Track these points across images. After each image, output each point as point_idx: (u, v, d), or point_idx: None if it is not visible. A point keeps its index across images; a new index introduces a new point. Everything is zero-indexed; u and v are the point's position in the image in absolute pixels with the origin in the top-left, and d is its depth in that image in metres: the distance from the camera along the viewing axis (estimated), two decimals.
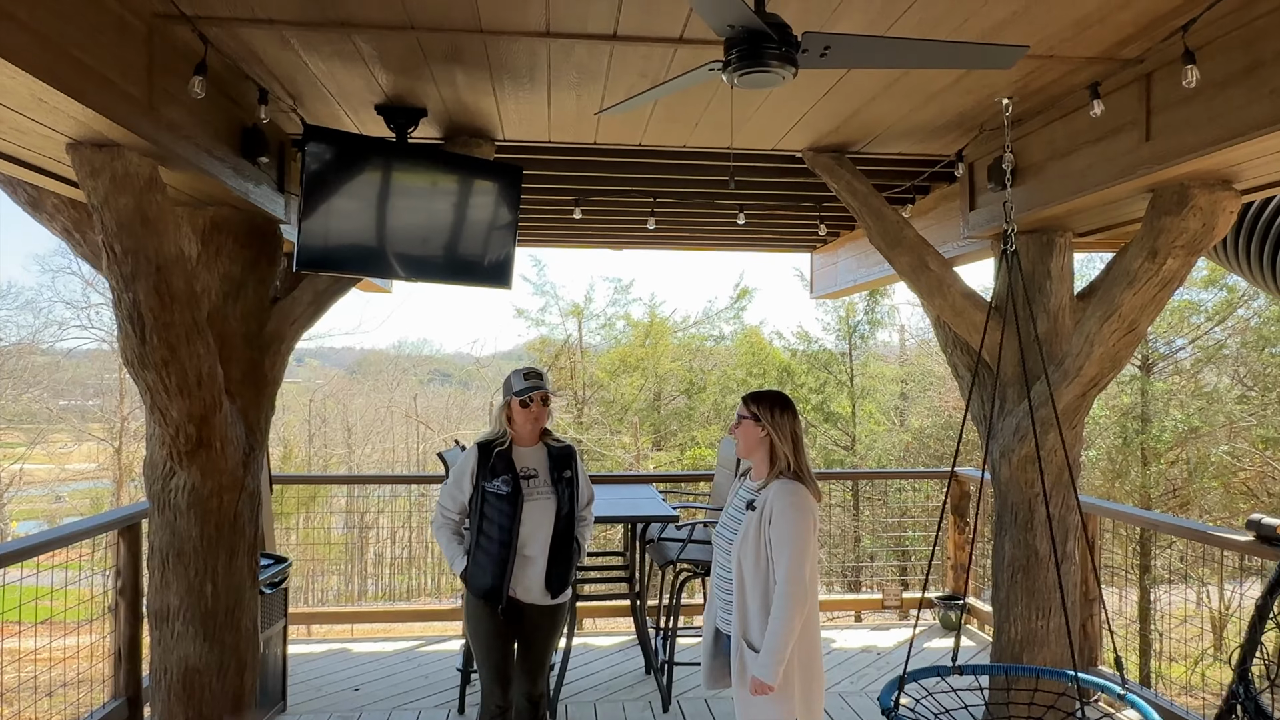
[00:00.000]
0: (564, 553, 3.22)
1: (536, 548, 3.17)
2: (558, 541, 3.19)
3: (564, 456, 3.26)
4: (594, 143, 3.93)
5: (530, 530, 3.15)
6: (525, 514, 3.12)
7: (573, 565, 3.27)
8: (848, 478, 11.83)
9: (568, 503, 3.21)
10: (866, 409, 14.98)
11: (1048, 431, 3.72)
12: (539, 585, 3.18)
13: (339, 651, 5.34)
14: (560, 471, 3.22)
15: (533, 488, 3.17)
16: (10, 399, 22.13)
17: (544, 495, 3.18)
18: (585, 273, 45.99)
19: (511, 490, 3.12)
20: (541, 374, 3.26)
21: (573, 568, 3.28)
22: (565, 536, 3.21)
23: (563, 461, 3.24)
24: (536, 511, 3.16)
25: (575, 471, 3.26)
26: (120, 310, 2.93)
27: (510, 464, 3.16)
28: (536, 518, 3.16)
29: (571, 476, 3.24)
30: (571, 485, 3.23)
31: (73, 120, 2.31)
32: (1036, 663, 3.90)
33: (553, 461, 3.23)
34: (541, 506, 3.17)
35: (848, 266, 6.29)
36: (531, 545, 3.16)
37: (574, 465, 3.27)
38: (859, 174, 4.04)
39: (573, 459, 3.29)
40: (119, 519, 4.01)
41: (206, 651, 3.49)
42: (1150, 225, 3.17)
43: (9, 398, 22.08)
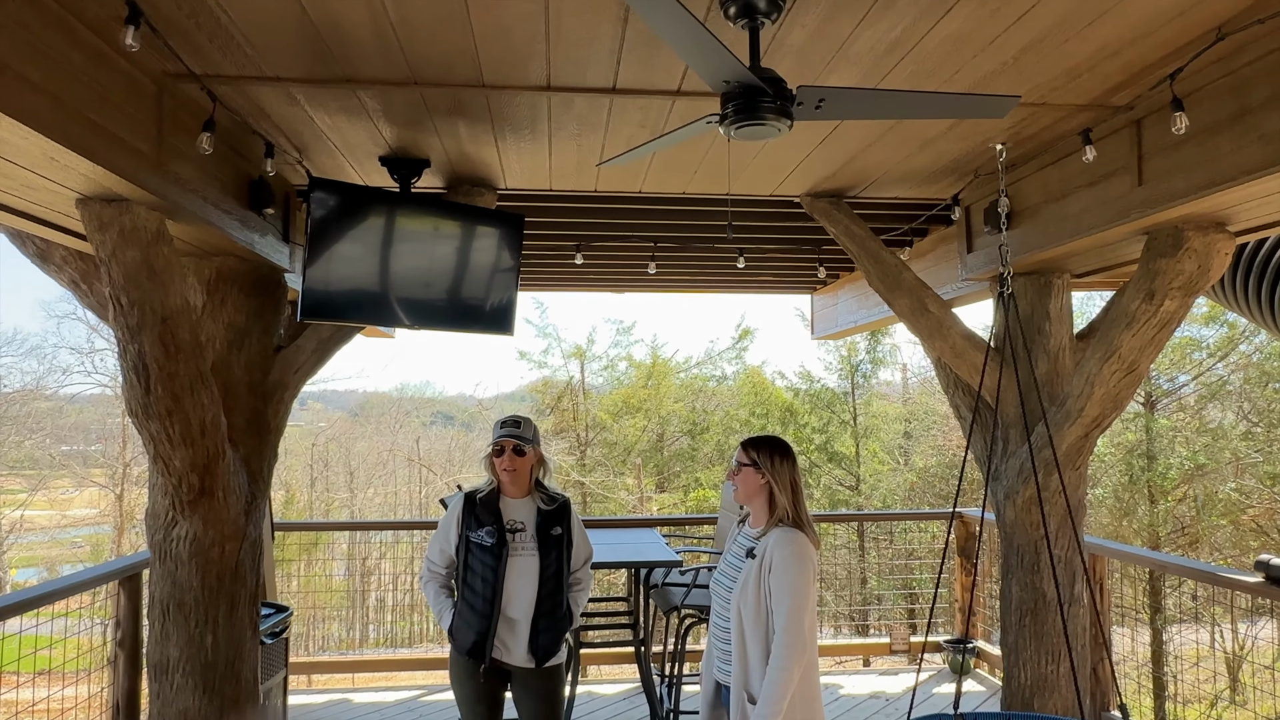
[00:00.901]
0: (550, 616, 3.01)
1: (519, 608, 2.98)
2: (543, 604, 3.00)
3: (554, 513, 3.06)
4: (595, 190, 3.99)
5: (513, 588, 2.97)
6: (509, 569, 2.97)
7: (560, 630, 3.05)
8: (849, 519, 11.75)
9: (555, 562, 3.02)
10: (870, 448, 14.93)
11: (1051, 473, 3.71)
12: (523, 649, 2.99)
13: (340, 702, 5.26)
14: (549, 528, 3.04)
15: (518, 542, 3.01)
16: (12, 445, 22.12)
17: (528, 552, 3.01)
18: (587, 315, 46.29)
19: (496, 542, 2.97)
20: (520, 422, 3.10)
21: (560, 633, 3.05)
22: (552, 599, 3.02)
23: (553, 518, 3.05)
24: (519, 568, 2.99)
25: (568, 529, 3.07)
26: (125, 361, 2.95)
27: (497, 515, 3.02)
28: (519, 575, 2.98)
29: (562, 535, 3.05)
30: (560, 544, 3.04)
31: (83, 177, 2.35)
32: (1047, 708, 3.85)
33: (541, 517, 3.04)
34: (524, 564, 2.99)
35: (848, 307, 6.32)
36: (514, 605, 2.98)
37: (567, 522, 3.08)
38: (856, 218, 4.08)
39: (565, 516, 3.09)
40: (119, 569, 3.99)
41: (206, 704, 3.45)
42: (1146, 267, 3.20)
43: (11, 444, 22.07)
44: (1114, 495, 12.56)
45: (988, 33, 2.39)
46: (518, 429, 3.06)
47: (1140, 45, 2.48)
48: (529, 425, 3.13)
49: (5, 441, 21.90)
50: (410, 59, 2.55)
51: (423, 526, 7.23)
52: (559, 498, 3.15)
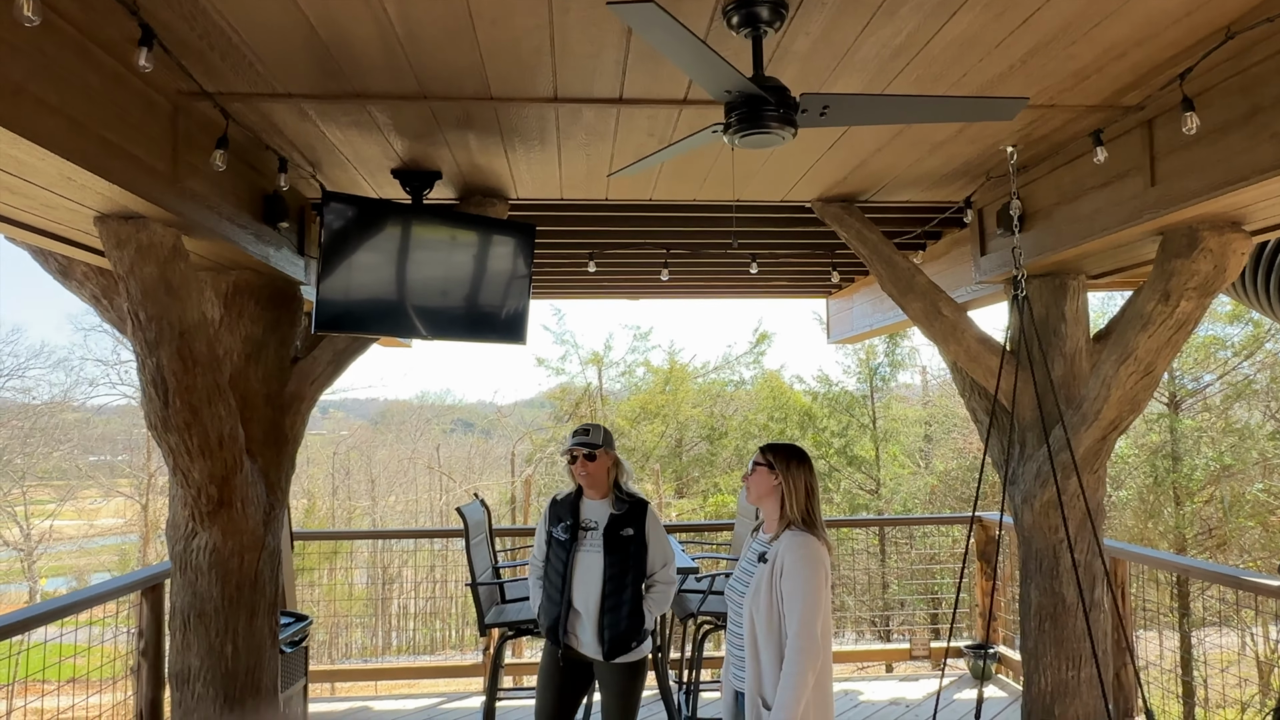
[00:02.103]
0: (615, 613, 3.12)
1: (583, 601, 3.16)
2: (607, 600, 3.12)
3: (627, 515, 3.18)
4: (605, 199, 4.01)
5: (580, 581, 3.16)
6: (575, 563, 3.16)
7: (626, 629, 3.13)
8: (864, 524, 11.66)
9: (620, 562, 3.13)
10: (890, 452, 14.83)
11: (1068, 476, 3.68)
12: (592, 640, 3.16)
13: (360, 710, 5.30)
14: (619, 529, 3.16)
15: (588, 540, 3.18)
16: (41, 456, 22.48)
17: (594, 549, 3.16)
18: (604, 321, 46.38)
19: (569, 538, 3.18)
20: (590, 430, 3.26)
21: (626, 631, 3.13)
22: (616, 596, 3.12)
23: (624, 520, 3.17)
24: (585, 563, 3.16)
25: (641, 532, 3.17)
26: (144, 375, 3.00)
27: (575, 513, 3.23)
28: (585, 570, 3.16)
29: (635, 535, 3.16)
30: (629, 545, 3.15)
31: (100, 195, 2.40)
32: (1068, 714, 3.80)
33: (613, 517, 3.18)
34: (590, 560, 3.16)
35: (862, 311, 6.30)
36: (579, 597, 3.16)
37: (642, 524, 3.18)
38: (868, 222, 4.07)
39: (639, 518, 3.19)
40: (142, 579, 4.04)
41: (227, 713, 3.49)
42: (1161, 268, 3.17)
43: (40, 455, 22.43)
44: (1139, 497, 12.39)
45: (994, 35, 2.38)
46: (587, 436, 3.22)
47: (1148, 46, 2.46)
48: (598, 431, 3.26)
49: (35, 453, 22.26)
50: (418, 73, 2.58)
51: (442, 535, 7.27)
52: (635, 501, 3.24)
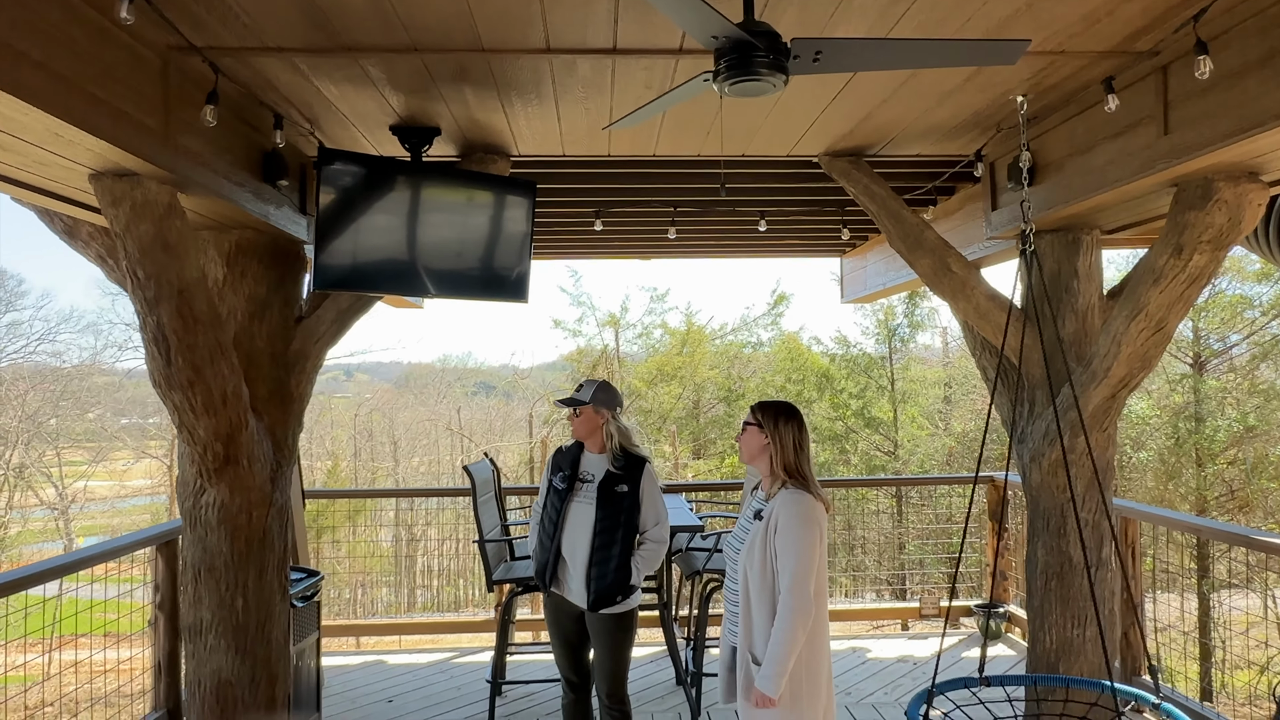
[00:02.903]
0: (602, 566, 3.19)
1: (572, 550, 3.26)
2: (596, 553, 3.20)
3: (622, 470, 3.24)
4: (608, 155, 3.95)
5: (570, 531, 3.26)
6: (568, 513, 3.25)
7: (611, 582, 3.19)
8: (871, 484, 11.65)
9: (612, 517, 3.19)
10: (909, 413, 14.74)
11: (1077, 434, 3.63)
12: (580, 590, 3.24)
13: (375, 664, 5.41)
14: (614, 484, 3.22)
15: (583, 491, 3.27)
16: (75, 418, 22.97)
17: (587, 501, 3.25)
18: (621, 283, 46.27)
19: (566, 488, 3.29)
20: (582, 386, 3.37)
21: (615, 585, 3.20)
22: (605, 550, 3.19)
23: (620, 476, 3.23)
24: (577, 514, 3.26)
25: (635, 490, 3.22)
26: (146, 333, 3.02)
27: (575, 465, 3.34)
28: (576, 520, 3.25)
29: (629, 492, 3.21)
30: (622, 501, 3.21)
31: (91, 153, 2.40)
32: (1073, 672, 3.80)
33: (609, 473, 3.26)
34: (581, 511, 3.25)
35: (876, 270, 6.21)
36: (568, 546, 3.27)
37: (637, 482, 3.23)
38: (877, 177, 3.99)
39: (635, 475, 3.24)
40: (156, 535, 4.12)
41: (239, 664, 3.57)
42: (1175, 221, 3.09)
43: (73, 417, 22.92)
44: (1159, 459, 12.26)
45: None
46: (577, 392, 3.34)
47: None
48: (589, 388, 3.33)
49: (68, 415, 22.74)
50: (408, 25, 2.53)
51: (451, 493, 7.35)
52: (633, 459, 3.28)
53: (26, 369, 21.83)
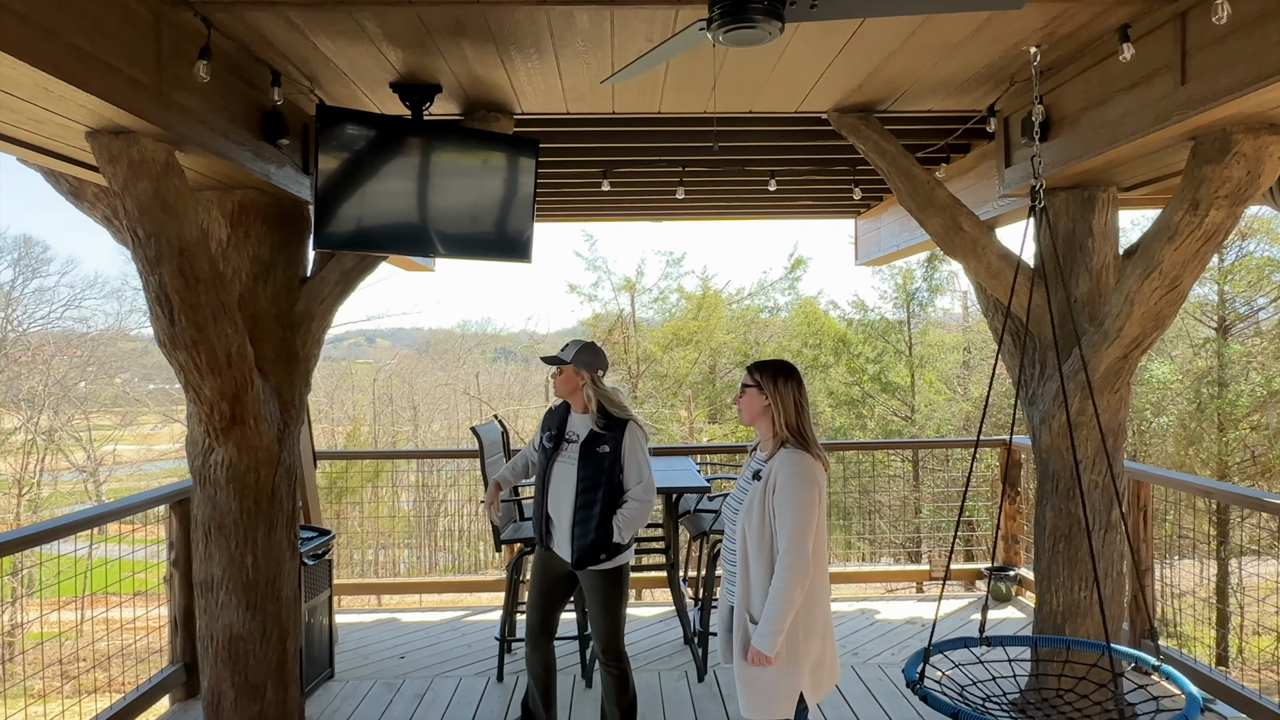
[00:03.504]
0: (584, 525, 3.24)
1: (556, 508, 3.34)
2: (578, 512, 3.26)
3: (604, 430, 3.27)
4: (612, 112, 3.89)
5: (555, 489, 3.34)
6: (554, 472, 3.33)
7: (595, 541, 3.24)
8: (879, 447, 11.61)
9: (594, 477, 3.24)
10: (926, 378, 14.63)
11: (1087, 396, 3.57)
12: (566, 546, 3.32)
13: (388, 621, 5.50)
14: (596, 445, 3.26)
15: (567, 451, 3.33)
16: (103, 383, 23.32)
17: (569, 460, 3.31)
18: (636, 247, 46.04)
19: (552, 447, 3.37)
20: (567, 345, 3.41)
21: (596, 544, 3.25)
22: (587, 509, 3.24)
23: (601, 436, 3.27)
24: (560, 473, 3.33)
25: (617, 450, 3.24)
26: (149, 293, 3.03)
27: (561, 424, 3.41)
28: (559, 479, 3.33)
29: (610, 452, 3.24)
30: (604, 461, 3.24)
31: (83, 109, 2.38)
32: (1079, 633, 3.78)
33: (592, 433, 3.29)
34: (564, 470, 3.32)
35: (890, 231, 6.12)
36: (553, 504, 3.36)
37: (619, 442, 3.25)
38: (887, 134, 3.91)
39: (618, 434, 3.26)
40: (169, 494, 4.19)
41: (250, 620, 3.63)
42: (1191, 175, 3.00)
43: (101, 382, 23.26)
44: (1180, 424, 12.10)
45: None
46: (561, 351, 3.40)
47: None
48: (572, 347, 3.38)
49: (96, 380, 23.07)
50: None
51: (466, 455, 7.40)
52: (615, 420, 3.30)
53: (53, 335, 22.13)
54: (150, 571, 4.59)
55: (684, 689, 4.31)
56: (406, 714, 4.07)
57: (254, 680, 3.64)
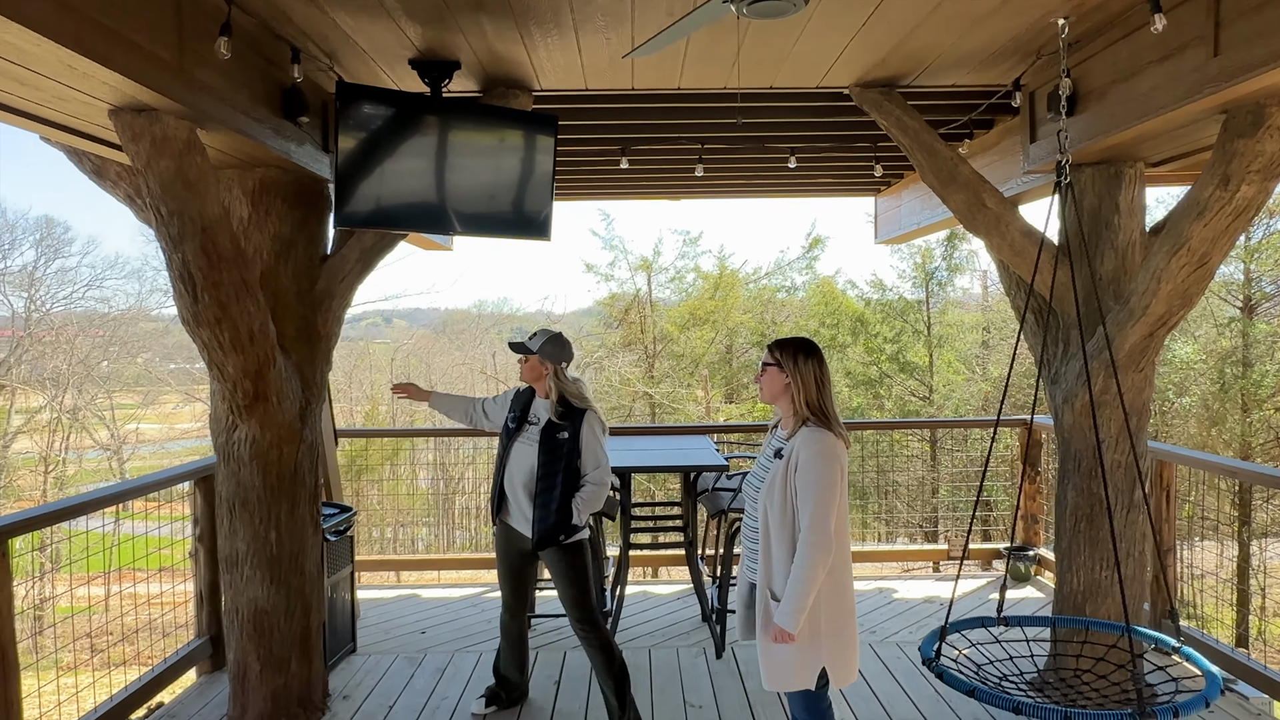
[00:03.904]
0: (544, 509, 3.35)
1: (514, 487, 3.46)
2: (538, 496, 3.36)
3: (564, 419, 3.38)
4: (632, 89, 3.86)
5: (514, 469, 3.45)
6: (513, 452, 3.45)
7: (555, 523, 3.35)
8: (895, 426, 11.58)
9: (552, 462, 3.34)
10: (945, 358, 14.52)
11: (1112, 375, 3.53)
12: (526, 525, 3.43)
13: (409, 597, 5.56)
14: (556, 430, 3.36)
15: (527, 433, 3.44)
16: (125, 363, 23.58)
17: (530, 443, 3.42)
18: (653, 226, 45.83)
19: (515, 427, 3.48)
20: (535, 335, 3.48)
21: (556, 526, 3.35)
22: (547, 494, 3.35)
23: (561, 423, 3.37)
24: (520, 454, 3.44)
25: (575, 437, 3.36)
26: (172, 270, 3.05)
27: (525, 407, 3.51)
28: (519, 459, 3.44)
29: (569, 439, 3.35)
30: (563, 446, 3.35)
31: (105, 86, 2.39)
32: (1099, 613, 3.77)
33: (552, 419, 3.39)
34: (524, 451, 3.42)
35: (911, 209, 6.06)
36: (511, 483, 3.47)
37: (578, 429, 3.36)
38: (910, 109, 3.86)
39: (574, 423, 3.37)
40: (194, 470, 4.24)
41: (274, 594, 3.69)
42: (1222, 149, 2.94)
43: (124, 361, 23.52)
44: (1203, 404, 11.96)
45: None
46: (528, 340, 3.46)
47: None
48: (540, 338, 3.45)
49: (118, 359, 23.32)
50: None
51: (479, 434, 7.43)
52: (574, 409, 3.40)
53: (76, 315, 22.37)
54: (175, 547, 4.65)
55: (702, 665, 4.34)
56: (428, 687, 4.12)
57: (279, 653, 3.70)
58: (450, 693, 4.06)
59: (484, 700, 3.85)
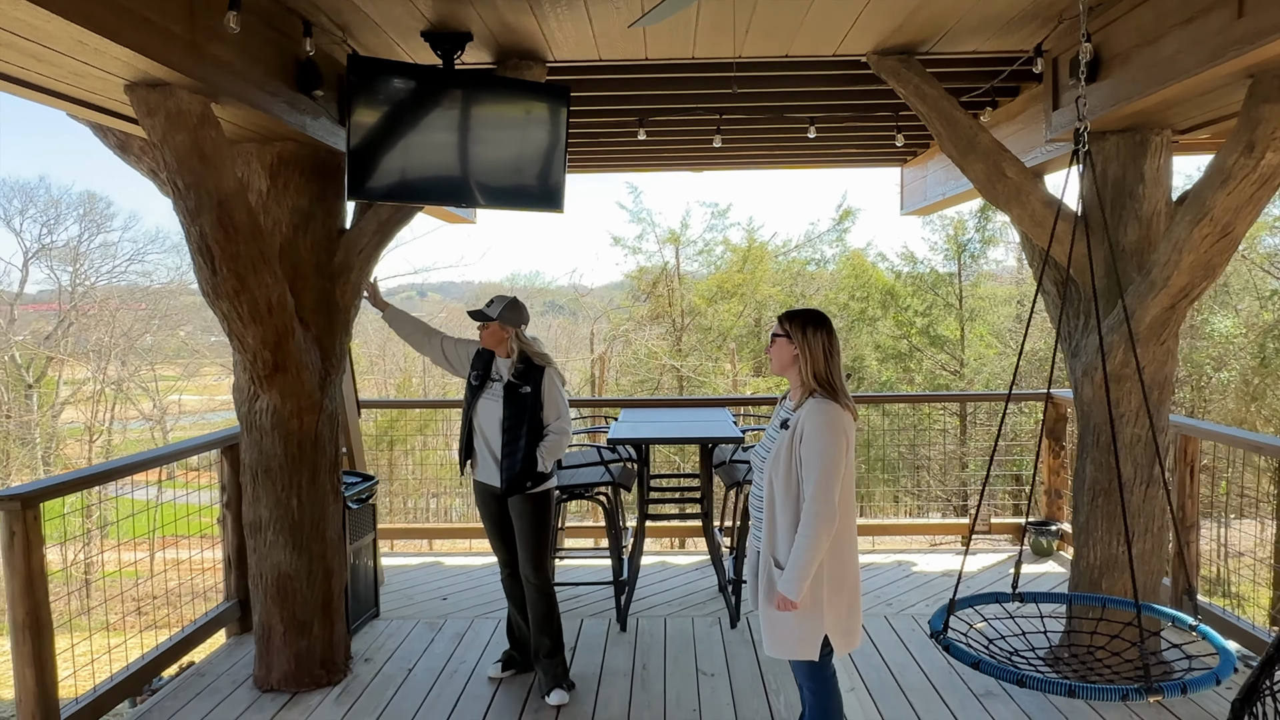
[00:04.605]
0: (511, 458, 3.54)
1: (482, 441, 3.65)
2: (506, 447, 3.55)
3: (524, 375, 3.56)
4: (645, 59, 3.83)
5: (481, 423, 3.64)
6: (479, 407, 3.64)
7: (521, 471, 3.53)
8: (911, 400, 11.46)
9: (518, 414, 3.54)
10: (977, 331, 14.32)
11: (1132, 347, 3.47)
12: (494, 473, 3.61)
13: (433, 564, 5.68)
14: (518, 387, 3.56)
15: (491, 390, 3.63)
16: (166, 335, 24.12)
17: (494, 398, 3.60)
18: (681, 198, 45.42)
19: (477, 385, 3.66)
20: (493, 302, 3.60)
21: (523, 474, 3.54)
22: (513, 444, 3.54)
23: (522, 377, 3.56)
24: (487, 409, 3.62)
25: (537, 391, 3.56)
26: (191, 243, 3.12)
27: (487, 366, 3.68)
28: (486, 414, 3.62)
29: (531, 393, 3.55)
30: (526, 400, 3.54)
31: (119, 61, 2.44)
32: (1115, 589, 3.74)
33: (514, 373, 3.57)
34: (490, 407, 3.61)
35: (936, 179, 5.96)
36: (480, 437, 3.65)
37: (539, 384, 3.56)
38: (929, 77, 3.79)
39: (535, 377, 3.56)
40: (220, 439, 4.35)
41: (296, 559, 3.79)
42: (1248, 115, 2.85)
43: (165, 334, 24.06)
44: (1242, 379, 11.67)
45: None
46: (486, 307, 3.59)
47: None
48: (498, 304, 3.58)
49: (160, 332, 23.84)
50: None
51: None
52: (533, 366, 3.59)
53: (118, 289, 22.87)
54: (212, 514, 4.79)
55: (717, 634, 4.39)
56: (447, 651, 4.22)
57: (301, 616, 3.81)
58: (468, 657, 4.15)
59: (500, 664, 3.93)
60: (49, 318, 21.03)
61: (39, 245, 20.87)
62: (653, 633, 4.41)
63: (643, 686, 3.80)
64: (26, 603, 3.04)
